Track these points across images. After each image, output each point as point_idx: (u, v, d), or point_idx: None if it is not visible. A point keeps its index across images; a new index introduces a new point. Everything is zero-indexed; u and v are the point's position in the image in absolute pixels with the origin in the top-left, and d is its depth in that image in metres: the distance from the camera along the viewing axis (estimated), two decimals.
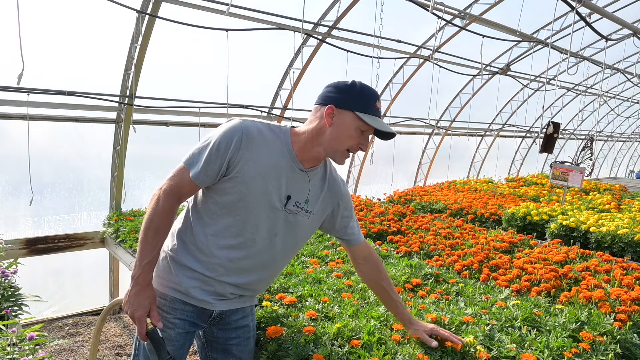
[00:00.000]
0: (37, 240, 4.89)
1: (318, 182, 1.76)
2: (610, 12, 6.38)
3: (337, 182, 1.84)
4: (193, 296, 1.71)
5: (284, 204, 1.68)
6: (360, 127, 1.59)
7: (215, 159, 1.56)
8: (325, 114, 1.60)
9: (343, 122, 1.59)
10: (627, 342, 2.14)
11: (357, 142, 1.62)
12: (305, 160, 1.68)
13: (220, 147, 1.56)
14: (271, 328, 2.03)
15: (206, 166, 1.57)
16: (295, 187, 1.69)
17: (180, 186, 1.61)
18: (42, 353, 1.81)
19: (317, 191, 1.76)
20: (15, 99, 4.38)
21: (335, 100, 1.60)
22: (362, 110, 1.58)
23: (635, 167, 21.40)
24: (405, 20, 6.72)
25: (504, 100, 10.37)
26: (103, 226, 5.23)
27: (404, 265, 3.04)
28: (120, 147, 5.16)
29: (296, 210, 1.71)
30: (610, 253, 4.05)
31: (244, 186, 1.60)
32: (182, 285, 1.70)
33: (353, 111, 1.58)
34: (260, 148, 1.60)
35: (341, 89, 1.61)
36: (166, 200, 1.60)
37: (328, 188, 1.79)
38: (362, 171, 8.47)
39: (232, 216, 1.64)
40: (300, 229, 1.76)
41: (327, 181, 1.79)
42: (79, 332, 4.92)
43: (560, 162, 9.70)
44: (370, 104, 1.60)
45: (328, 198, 1.80)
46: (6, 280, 2.64)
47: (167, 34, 4.94)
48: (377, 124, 1.60)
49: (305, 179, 1.71)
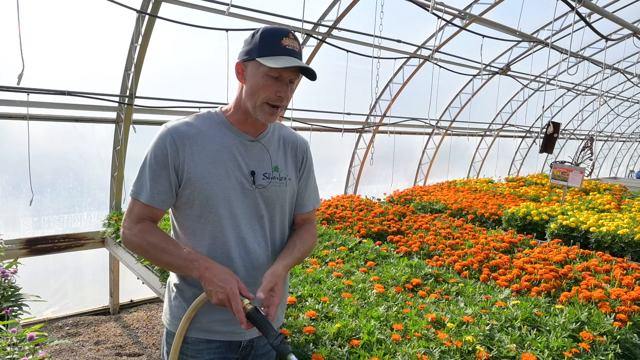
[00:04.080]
0: (37, 240, 4.90)
1: (276, 145, 1.61)
2: (610, 12, 6.37)
3: (292, 135, 1.69)
4: (217, 331, 1.54)
5: (252, 181, 1.53)
6: (267, 73, 1.41)
7: (160, 172, 1.46)
8: (237, 74, 1.49)
9: (251, 74, 1.44)
10: (627, 342, 2.14)
11: (274, 91, 1.43)
12: (249, 129, 1.55)
13: (158, 159, 1.46)
14: None
15: (154, 184, 1.46)
16: (254, 160, 1.55)
17: (139, 215, 1.48)
18: (42, 353, 1.81)
19: (280, 155, 1.61)
20: (15, 99, 4.38)
21: (241, 55, 1.47)
22: (265, 54, 1.40)
23: (635, 167, 21.40)
24: (405, 20, 6.72)
25: (504, 100, 10.38)
26: (103, 226, 5.23)
27: (404, 265, 3.04)
28: (120, 147, 5.16)
29: (267, 183, 1.55)
30: (610, 253, 4.06)
31: (202, 182, 1.47)
32: (201, 322, 1.53)
33: (255, 59, 1.41)
34: (197, 138, 1.48)
35: (247, 41, 1.47)
36: (136, 229, 1.46)
37: (289, 146, 1.65)
38: (362, 171, 8.47)
39: (211, 220, 1.50)
40: (280, 200, 1.59)
41: (282, 139, 1.64)
42: (79, 332, 4.92)
43: (560, 162, 9.70)
44: (274, 45, 1.41)
45: (293, 156, 1.66)
46: (6, 280, 2.64)
47: (167, 34, 4.94)
48: (277, 63, 1.38)
49: (261, 148, 1.56)
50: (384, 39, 6.12)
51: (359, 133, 8.22)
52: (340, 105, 6.78)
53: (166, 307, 1.63)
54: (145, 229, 1.47)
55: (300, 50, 1.48)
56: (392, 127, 8.15)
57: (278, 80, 1.43)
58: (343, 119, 6.96)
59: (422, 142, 9.71)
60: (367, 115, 8.04)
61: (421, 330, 2.07)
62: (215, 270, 1.37)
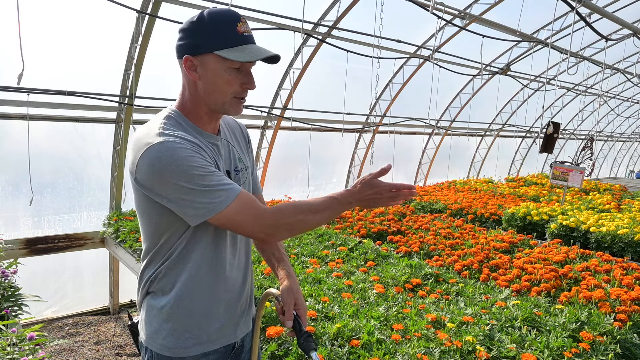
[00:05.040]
0: (37, 240, 4.90)
1: (230, 136, 1.55)
2: (610, 12, 6.38)
3: (231, 120, 1.63)
4: (216, 339, 1.49)
5: None
6: (231, 66, 1.31)
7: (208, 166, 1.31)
8: (186, 69, 1.33)
9: (209, 69, 1.31)
10: (627, 342, 2.14)
11: (240, 84, 1.35)
12: (210, 128, 1.44)
13: (195, 158, 1.28)
14: (271, 328, 2.03)
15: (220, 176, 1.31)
16: (226, 159, 1.48)
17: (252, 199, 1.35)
18: (42, 353, 1.82)
19: (237, 144, 1.56)
20: (15, 99, 4.38)
21: (188, 48, 1.31)
22: (221, 46, 1.28)
23: (635, 167, 21.40)
24: (405, 20, 6.73)
25: (504, 100, 10.38)
26: (103, 226, 5.23)
27: (404, 265, 3.04)
28: (120, 147, 5.16)
29: (239, 177, 1.51)
30: (610, 253, 4.06)
31: None
32: (202, 337, 1.46)
33: (212, 52, 1.29)
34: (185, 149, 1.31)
35: (190, 32, 1.31)
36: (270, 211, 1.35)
37: (236, 133, 1.61)
38: (362, 171, 8.47)
39: (201, 226, 1.37)
40: (250, 191, 1.58)
41: (229, 128, 1.58)
42: (79, 332, 4.92)
43: (560, 162, 9.71)
44: (229, 34, 1.29)
45: (243, 142, 1.62)
46: (6, 280, 2.64)
47: (167, 33, 4.94)
48: (246, 55, 1.29)
49: (223, 145, 1.48)
50: (384, 39, 6.12)
51: (359, 133, 8.22)
52: (340, 105, 6.78)
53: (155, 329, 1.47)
54: (277, 207, 1.36)
55: (252, 33, 1.38)
56: (392, 127, 8.15)
57: (240, 72, 1.34)
58: (343, 119, 6.96)
59: (422, 142, 9.71)
60: (367, 115, 8.04)
61: (421, 330, 2.07)
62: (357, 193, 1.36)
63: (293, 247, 3.45)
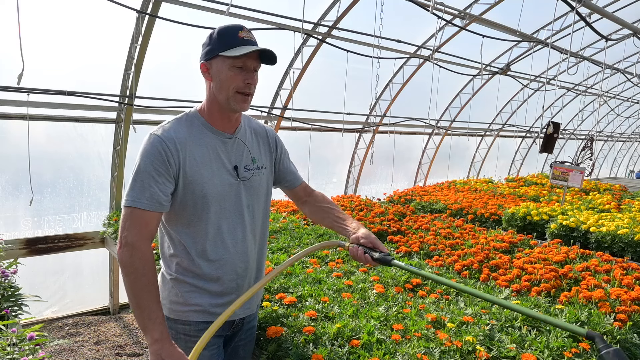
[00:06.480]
0: (37, 240, 4.90)
1: (250, 138, 1.77)
2: (610, 12, 6.37)
3: (260, 126, 1.85)
4: (215, 313, 1.67)
5: (236, 175, 1.68)
6: (232, 64, 1.56)
7: (157, 178, 1.52)
8: (203, 73, 1.63)
9: (217, 69, 1.58)
10: (627, 342, 2.14)
11: (242, 80, 1.57)
12: (225, 126, 1.68)
13: (156, 165, 1.52)
14: (271, 328, 2.03)
15: (154, 190, 1.51)
16: (236, 156, 1.69)
17: (145, 225, 1.51)
18: (42, 353, 1.81)
19: (255, 146, 1.77)
20: (15, 99, 4.38)
21: (203, 56, 1.61)
22: (225, 48, 1.54)
23: (635, 167, 21.40)
24: (405, 20, 6.73)
25: (504, 100, 10.38)
26: (103, 226, 5.23)
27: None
28: (120, 147, 5.16)
29: (250, 175, 1.72)
30: (610, 253, 4.06)
31: (195, 184, 1.59)
32: (202, 306, 1.68)
33: (218, 54, 1.56)
34: (185, 143, 1.58)
35: (205, 44, 1.61)
36: (139, 250, 1.48)
37: (259, 137, 1.81)
38: (362, 171, 8.47)
39: (204, 219, 1.62)
40: (262, 189, 1.77)
41: (253, 132, 1.79)
42: (79, 332, 4.92)
43: (560, 162, 9.71)
44: (232, 38, 1.55)
45: (266, 145, 1.82)
46: (6, 280, 2.64)
47: (167, 34, 4.94)
48: (242, 50, 1.53)
49: (238, 143, 1.71)
50: (383, 39, 6.12)
51: (359, 133, 8.22)
52: (340, 105, 6.78)
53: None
54: (149, 255, 1.50)
55: (256, 40, 1.61)
56: (392, 127, 8.15)
57: (243, 70, 1.57)
58: (343, 119, 6.97)
59: (422, 142, 9.71)
60: (367, 115, 8.04)
61: (421, 330, 2.07)
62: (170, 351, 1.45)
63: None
